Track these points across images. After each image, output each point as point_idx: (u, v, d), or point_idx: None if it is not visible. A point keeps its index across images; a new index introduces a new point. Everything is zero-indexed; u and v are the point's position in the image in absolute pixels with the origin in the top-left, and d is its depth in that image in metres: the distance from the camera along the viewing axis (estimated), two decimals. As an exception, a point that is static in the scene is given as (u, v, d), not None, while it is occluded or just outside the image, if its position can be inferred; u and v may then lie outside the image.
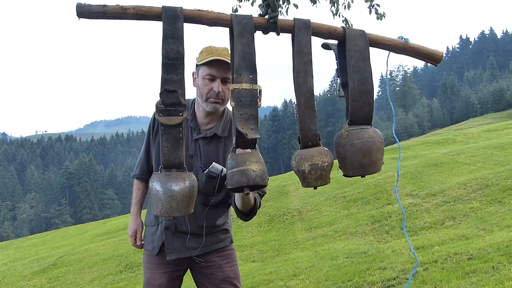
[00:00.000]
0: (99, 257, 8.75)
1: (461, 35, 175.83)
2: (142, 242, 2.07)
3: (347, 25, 5.32)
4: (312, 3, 5.14)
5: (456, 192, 7.78)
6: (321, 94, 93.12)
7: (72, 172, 79.64)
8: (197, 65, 1.81)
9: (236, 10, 5.00)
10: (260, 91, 1.12)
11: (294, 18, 1.18)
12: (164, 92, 1.07)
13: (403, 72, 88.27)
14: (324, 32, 1.20)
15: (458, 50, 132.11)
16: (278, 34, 1.18)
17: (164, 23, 1.05)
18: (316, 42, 1.25)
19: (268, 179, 1.15)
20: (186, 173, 1.10)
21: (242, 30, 1.13)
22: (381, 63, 1.35)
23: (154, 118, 1.94)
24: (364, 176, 1.19)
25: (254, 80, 1.12)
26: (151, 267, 1.94)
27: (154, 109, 1.96)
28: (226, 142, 1.87)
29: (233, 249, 2.01)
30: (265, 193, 1.92)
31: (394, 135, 1.32)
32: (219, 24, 1.12)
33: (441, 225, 6.34)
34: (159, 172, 1.10)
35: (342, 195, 9.97)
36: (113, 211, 72.13)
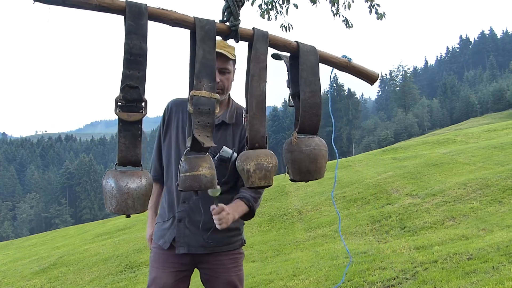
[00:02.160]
0: (99, 257, 8.75)
1: (461, 35, 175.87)
2: None
3: (347, 25, 5.33)
4: (312, 3, 5.14)
5: (456, 192, 7.78)
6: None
7: (72, 172, 79.66)
8: None
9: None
10: (218, 100, 1.15)
11: (253, 28, 1.23)
12: (125, 88, 1.04)
13: (403, 72, 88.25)
14: (279, 44, 1.26)
15: (458, 50, 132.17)
16: (237, 42, 1.23)
17: (129, 19, 1.04)
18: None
19: (217, 182, 1.21)
20: (142, 171, 1.09)
21: (204, 36, 1.14)
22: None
23: (164, 117, 1.99)
24: (307, 181, 1.25)
25: (213, 89, 1.15)
26: (158, 265, 1.92)
27: (163, 109, 2.00)
28: (234, 128, 1.94)
29: (242, 253, 2.02)
30: (261, 193, 1.96)
31: (334, 146, 1.36)
32: (182, 25, 1.14)
33: (441, 225, 6.34)
34: (113, 168, 1.09)
35: (342, 195, 9.97)
36: (113, 211, 71.98)
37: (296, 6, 5.15)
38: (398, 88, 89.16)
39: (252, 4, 4.94)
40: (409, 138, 60.65)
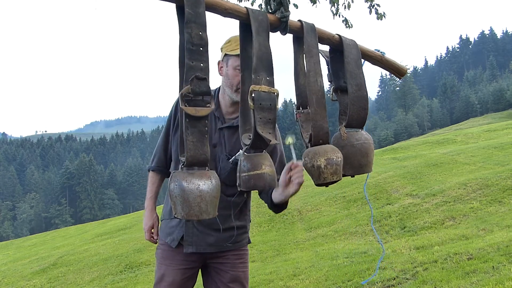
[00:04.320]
0: (99, 257, 8.74)
1: (461, 35, 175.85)
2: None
3: (347, 25, 5.33)
4: (312, 3, 5.14)
5: (456, 192, 7.78)
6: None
7: (72, 172, 79.65)
8: (226, 54, 1.80)
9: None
10: (278, 94, 1.11)
11: (300, 20, 1.21)
12: (194, 80, 0.97)
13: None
14: (324, 37, 1.25)
15: (458, 50, 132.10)
16: (284, 34, 1.19)
17: (187, 6, 1.00)
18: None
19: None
20: (210, 171, 1.02)
21: (258, 27, 1.10)
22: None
23: (175, 109, 1.92)
24: (353, 176, 1.24)
25: (271, 83, 1.11)
26: (166, 262, 1.92)
27: (169, 108, 1.95)
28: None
29: (247, 250, 2.03)
30: None
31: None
32: (234, 15, 1.11)
33: (441, 225, 6.34)
34: (179, 170, 1.01)
35: (342, 195, 9.97)
36: (113, 211, 72.13)
37: (296, 6, 5.15)
38: (398, 88, 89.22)
39: (252, 4, 4.94)
40: (409, 138, 60.65)
